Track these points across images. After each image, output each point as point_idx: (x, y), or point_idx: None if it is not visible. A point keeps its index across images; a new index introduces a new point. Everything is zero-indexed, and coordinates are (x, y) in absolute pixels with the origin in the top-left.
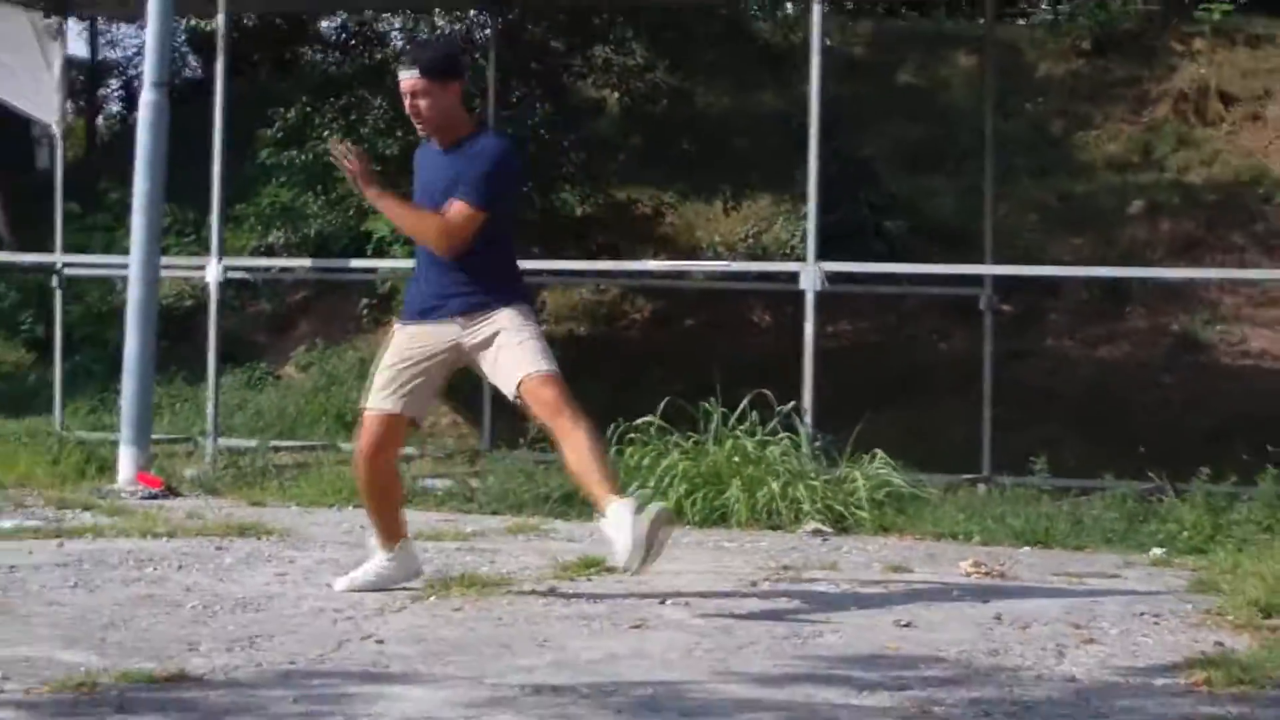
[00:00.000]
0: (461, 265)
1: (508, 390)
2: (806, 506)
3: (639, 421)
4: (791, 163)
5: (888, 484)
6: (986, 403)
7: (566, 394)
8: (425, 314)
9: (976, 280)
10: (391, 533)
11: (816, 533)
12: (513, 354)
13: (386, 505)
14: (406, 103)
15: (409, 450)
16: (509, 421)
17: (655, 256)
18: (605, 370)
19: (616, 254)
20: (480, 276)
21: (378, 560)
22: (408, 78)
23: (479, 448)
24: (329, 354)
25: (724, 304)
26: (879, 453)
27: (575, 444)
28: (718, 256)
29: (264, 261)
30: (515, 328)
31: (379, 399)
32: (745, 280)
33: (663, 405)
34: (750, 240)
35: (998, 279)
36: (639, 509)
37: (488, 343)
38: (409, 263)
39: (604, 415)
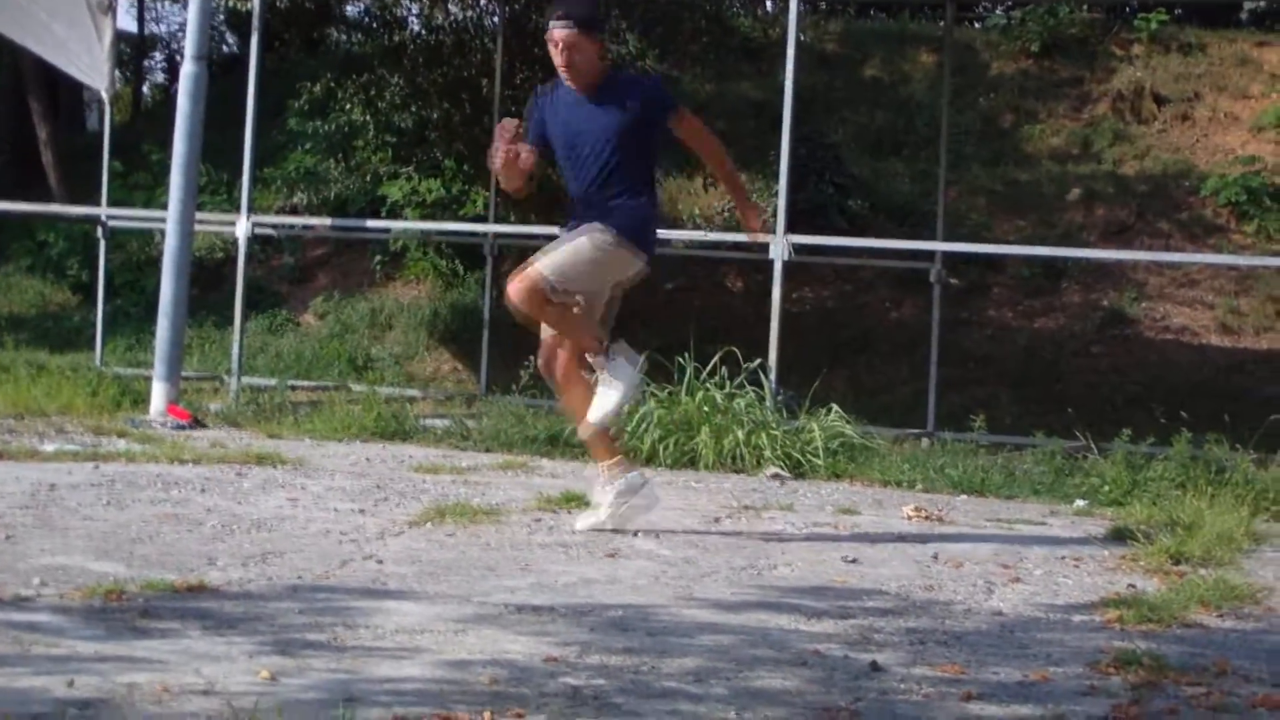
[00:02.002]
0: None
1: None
2: (767, 453)
3: None
4: (766, 145)
5: (841, 435)
6: (932, 365)
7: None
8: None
9: (928, 255)
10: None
11: (775, 477)
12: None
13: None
14: (559, 56)
15: (412, 392)
16: (504, 370)
17: None
18: None
19: None
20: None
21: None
22: (562, 30)
23: (476, 392)
24: (344, 304)
25: (700, 270)
26: (834, 407)
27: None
28: (696, 227)
29: (288, 219)
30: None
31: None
32: (720, 249)
33: (642, 359)
34: (726, 214)
35: (947, 254)
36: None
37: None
38: (420, 224)
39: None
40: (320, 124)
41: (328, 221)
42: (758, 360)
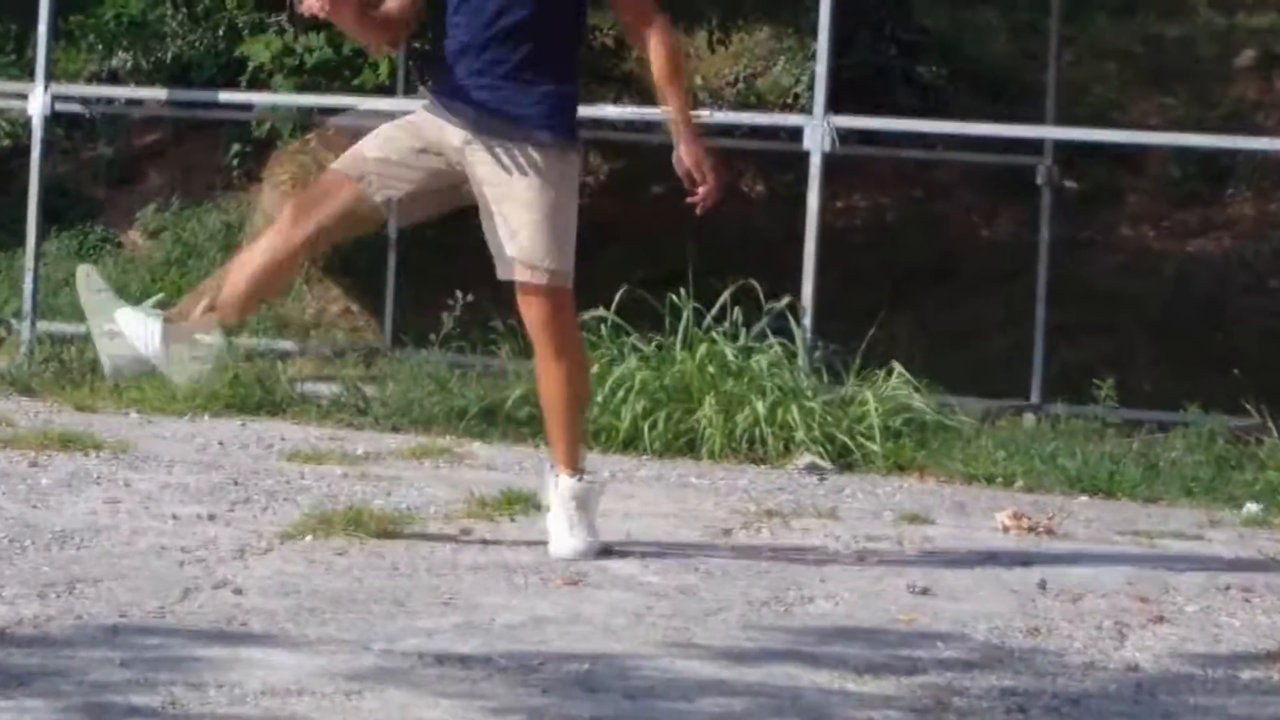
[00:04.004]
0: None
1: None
2: (800, 435)
3: (587, 316)
4: None
5: (907, 409)
6: (1040, 307)
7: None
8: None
9: (1034, 146)
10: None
11: (812, 469)
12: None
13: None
14: None
15: (286, 345)
16: (418, 313)
17: (616, 102)
18: None
19: None
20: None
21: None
22: None
23: (378, 346)
24: (186, 216)
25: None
26: (896, 367)
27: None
28: (698, 105)
29: (105, 91)
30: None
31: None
32: (732, 137)
33: (619, 296)
34: (741, 85)
35: (1061, 145)
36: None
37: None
38: (293, 98)
39: None
40: None
41: (163, 94)
42: (786, 299)
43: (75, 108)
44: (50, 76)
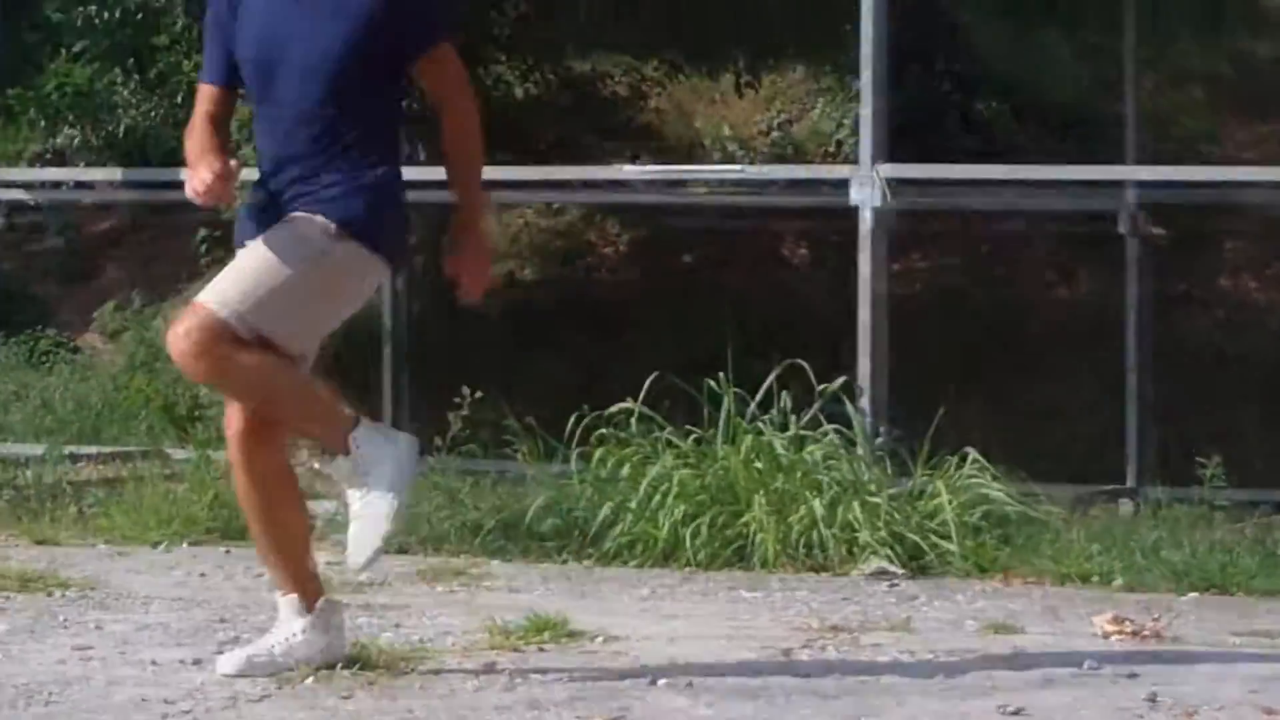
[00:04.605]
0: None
1: None
2: (865, 536)
3: (613, 409)
4: (837, 16)
5: (985, 501)
6: (1131, 375)
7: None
8: None
9: (1114, 189)
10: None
11: (881, 575)
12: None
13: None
14: None
15: None
16: (423, 414)
17: (635, 160)
18: (563, 332)
19: (577, 156)
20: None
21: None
22: None
23: None
24: (151, 314)
25: (738, 231)
26: (971, 453)
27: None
28: (728, 159)
29: (51, 173)
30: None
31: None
32: (769, 194)
33: (648, 383)
34: (776, 134)
35: (1145, 186)
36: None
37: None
38: None
39: (562, 399)
40: (96, 11)
41: (118, 174)
42: (840, 379)
43: (18, 194)
44: None
